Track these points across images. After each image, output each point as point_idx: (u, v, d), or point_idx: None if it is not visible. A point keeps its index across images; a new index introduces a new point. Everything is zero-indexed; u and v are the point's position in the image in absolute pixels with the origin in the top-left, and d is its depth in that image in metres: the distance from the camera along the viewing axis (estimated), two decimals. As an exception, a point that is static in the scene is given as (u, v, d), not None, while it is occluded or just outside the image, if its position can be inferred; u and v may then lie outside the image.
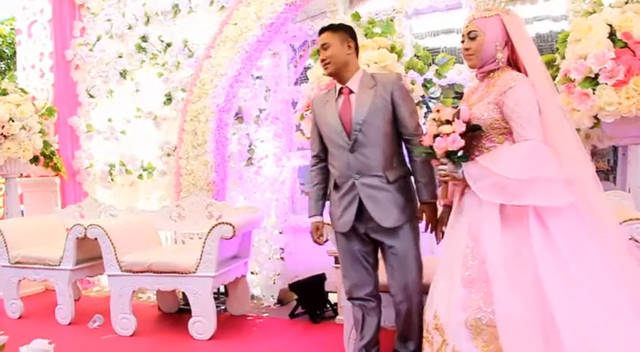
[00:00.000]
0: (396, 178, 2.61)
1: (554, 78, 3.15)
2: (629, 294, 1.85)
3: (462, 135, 2.09)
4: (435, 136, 2.15)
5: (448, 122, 2.13)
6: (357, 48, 2.75)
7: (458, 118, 2.11)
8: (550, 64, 3.26)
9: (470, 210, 2.14)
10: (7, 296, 4.31)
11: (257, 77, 4.69)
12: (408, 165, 2.69)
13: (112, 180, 5.25)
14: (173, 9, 4.91)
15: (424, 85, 3.84)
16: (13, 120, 4.72)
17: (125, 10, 5.16)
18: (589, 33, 2.87)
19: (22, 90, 5.18)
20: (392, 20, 3.97)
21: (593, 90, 2.80)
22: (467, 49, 2.22)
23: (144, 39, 5.05)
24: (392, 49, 3.68)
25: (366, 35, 3.89)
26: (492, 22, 2.16)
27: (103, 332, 3.77)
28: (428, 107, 3.92)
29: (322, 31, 2.74)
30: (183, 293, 3.86)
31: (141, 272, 3.68)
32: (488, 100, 2.13)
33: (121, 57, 5.20)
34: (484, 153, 2.14)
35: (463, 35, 2.24)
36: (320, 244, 2.89)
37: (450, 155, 2.12)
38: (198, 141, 4.42)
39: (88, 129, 5.38)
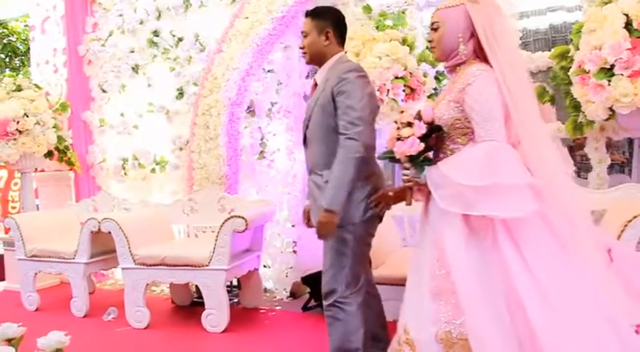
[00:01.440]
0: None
1: (567, 69, 3.12)
2: (603, 307, 1.74)
3: (423, 137, 1.97)
4: (399, 139, 2.02)
5: (410, 124, 2.01)
6: (340, 36, 2.60)
7: (420, 119, 1.99)
8: (564, 56, 3.23)
9: (435, 216, 2.02)
10: (24, 289, 4.37)
11: (268, 70, 4.69)
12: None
13: (125, 174, 5.27)
14: (184, 3, 4.91)
15: (436, 78, 3.83)
16: (27, 116, 4.77)
17: (137, 5, 5.17)
18: (604, 23, 2.83)
19: (37, 85, 5.23)
20: (403, 12, 3.96)
21: (609, 81, 2.77)
22: (430, 41, 2.11)
23: (155, 34, 5.06)
24: (403, 42, 3.67)
25: (377, 28, 3.88)
26: (455, 12, 2.01)
27: (118, 325, 3.81)
28: (440, 100, 3.90)
29: (305, 15, 2.62)
30: (197, 286, 3.88)
31: (154, 265, 3.70)
32: (449, 98, 2.01)
33: (133, 52, 5.21)
34: (447, 156, 2.03)
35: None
36: (308, 227, 2.78)
37: (412, 159, 2.01)
38: (210, 135, 4.43)
39: (101, 124, 5.41)
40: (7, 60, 8.44)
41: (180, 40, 4.95)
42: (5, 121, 4.65)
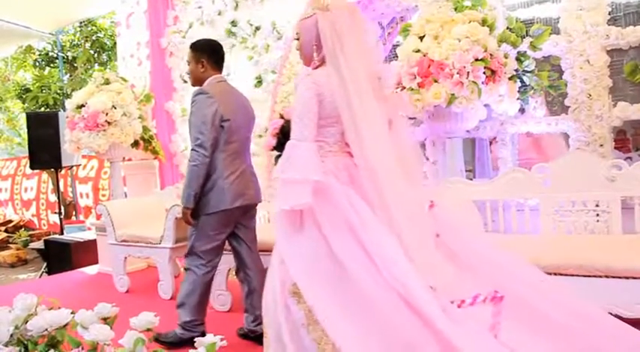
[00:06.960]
0: None
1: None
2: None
3: (280, 133, 2.26)
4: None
5: None
6: (215, 62, 3.20)
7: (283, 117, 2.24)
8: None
9: None
10: (116, 272, 4.62)
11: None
12: (214, 170, 3.09)
13: (207, 162, 5.40)
14: (261, -7, 4.97)
15: (518, 59, 3.67)
16: (115, 108, 4.98)
17: (215, -3, 5.28)
18: None
19: (123, 78, 5.45)
20: (483, -8, 3.81)
21: None
22: (298, 50, 2.30)
23: (233, 24, 5.15)
24: (483, 23, 3.53)
25: (455, 9, 3.76)
26: (309, 22, 2.17)
27: (202, 307, 3.92)
28: (522, 81, 3.74)
29: (189, 47, 3.27)
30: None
31: (236, 250, 3.77)
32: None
33: (212, 42, 5.32)
34: None
35: None
36: None
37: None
38: (288, 123, 4.48)
39: (183, 114, 5.57)
40: (96, 55, 8.87)
41: (257, 29, 5.01)
42: (95, 113, 4.89)
